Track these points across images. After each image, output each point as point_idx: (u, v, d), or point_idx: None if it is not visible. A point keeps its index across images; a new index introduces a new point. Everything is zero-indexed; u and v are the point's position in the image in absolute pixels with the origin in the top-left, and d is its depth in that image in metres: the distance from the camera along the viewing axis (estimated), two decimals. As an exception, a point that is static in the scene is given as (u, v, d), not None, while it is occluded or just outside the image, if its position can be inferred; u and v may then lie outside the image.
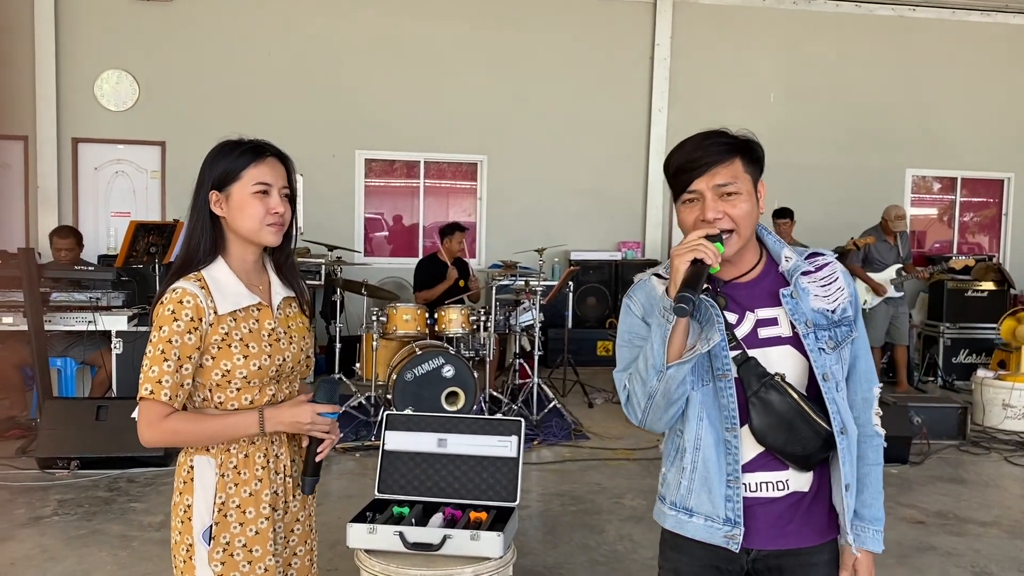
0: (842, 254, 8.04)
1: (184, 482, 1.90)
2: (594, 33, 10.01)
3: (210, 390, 1.89)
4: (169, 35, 9.28)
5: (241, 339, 1.89)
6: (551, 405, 6.64)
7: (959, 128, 10.62)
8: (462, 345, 6.59)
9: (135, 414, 1.85)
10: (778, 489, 1.79)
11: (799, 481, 1.80)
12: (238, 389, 1.90)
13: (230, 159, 1.92)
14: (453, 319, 6.49)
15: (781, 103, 10.37)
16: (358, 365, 6.89)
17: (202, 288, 1.86)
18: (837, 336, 1.80)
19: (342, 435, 5.98)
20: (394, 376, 6.06)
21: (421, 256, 8.94)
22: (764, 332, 1.79)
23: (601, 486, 5.22)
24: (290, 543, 2.04)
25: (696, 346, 1.72)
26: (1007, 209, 10.89)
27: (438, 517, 3.13)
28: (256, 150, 1.94)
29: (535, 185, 9.93)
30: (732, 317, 1.79)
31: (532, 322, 6.77)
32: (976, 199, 11.04)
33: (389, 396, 6.05)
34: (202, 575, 1.87)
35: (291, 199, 1.97)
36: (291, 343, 2.00)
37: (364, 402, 6.46)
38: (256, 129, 8.27)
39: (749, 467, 1.78)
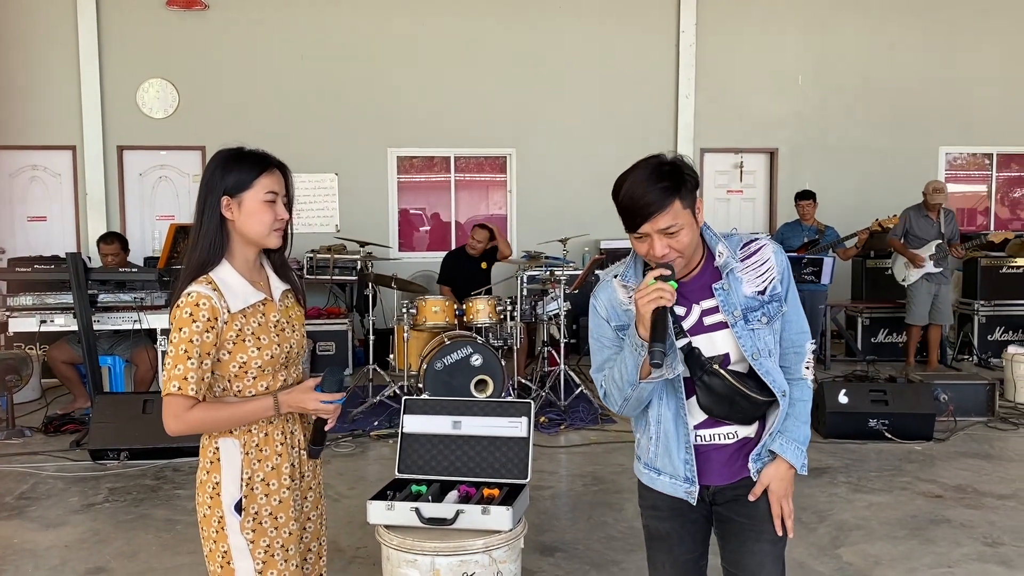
0: (872, 233, 8.07)
1: (211, 462, 2.11)
2: (618, 23, 10.09)
3: (229, 381, 2.09)
4: (206, 43, 9.62)
5: (253, 333, 2.09)
6: (578, 391, 6.80)
7: (993, 104, 10.48)
8: (490, 334, 6.77)
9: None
10: (728, 438, 2.11)
11: (746, 430, 2.12)
12: (254, 378, 2.10)
13: (243, 167, 2.09)
14: (481, 309, 6.69)
15: (809, 85, 10.35)
16: (391, 356, 7.13)
17: (214, 290, 2.04)
18: (770, 312, 2.06)
19: (375, 423, 6.25)
20: (425, 366, 6.28)
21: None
22: (708, 320, 2.05)
23: (624, 467, 5.37)
24: (304, 508, 2.26)
25: (664, 372, 1.96)
26: (1045, 183, 10.74)
27: (453, 494, 3.32)
28: (265, 160, 2.13)
29: (564, 176, 10.06)
30: (681, 310, 2.05)
31: (558, 311, 6.93)
32: (1014, 173, 10.89)
33: (421, 385, 6.27)
34: (235, 543, 2.09)
35: (289, 206, 2.17)
36: (294, 332, 2.21)
37: (398, 391, 6.68)
38: (291, 131, 8.60)
39: (702, 426, 2.10)
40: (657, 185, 1.91)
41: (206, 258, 2.08)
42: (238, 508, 2.09)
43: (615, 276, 2.11)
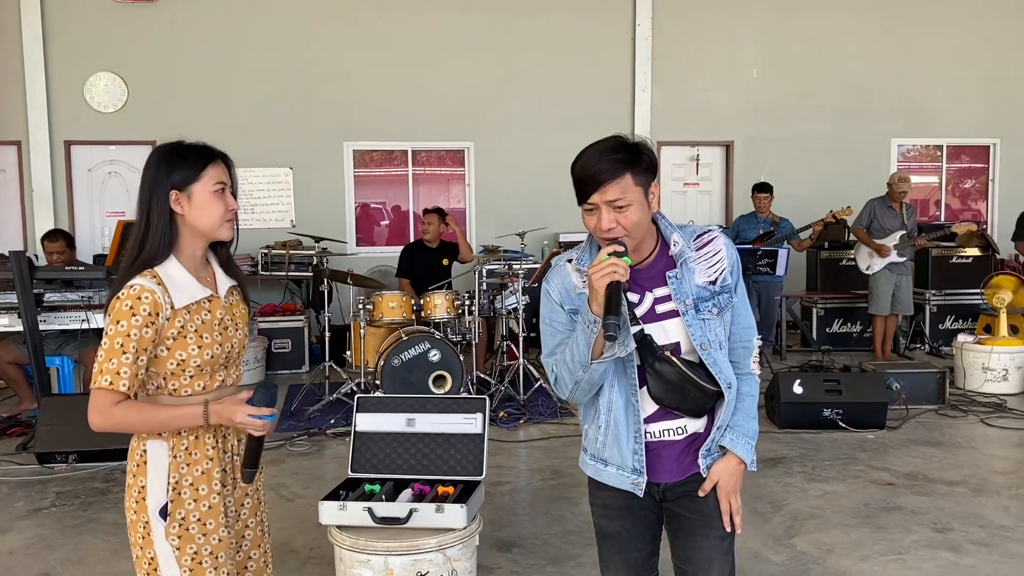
0: (826, 225, 8.18)
1: (137, 465, 2.06)
2: (575, 15, 10.08)
3: (164, 378, 2.03)
4: (155, 35, 9.41)
5: (196, 330, 2.04)
6: (537, 384, 6.79)
7: (944, 96, 10.67)
8: (448, 329, 6.73)
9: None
10: (678, 434, 2.10)
11: (695, 424, 2.10)
12: (191, 377, 2.05)
13: (188, 160, 2.05)
14: (438, 304, 6.64)
15: (764, 78, 10.44)
16: (348, 353, 7.05)
17: (158, 284, 1.99)
18: (720, 303, 2.06)
19: (332, 421, 6.16)
20: (382, 362, 6.21)
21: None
22: (661, 308, 2.05)
23: (582, 461, 5.37)
24: (241, 516, 2.21)
25: (615, 349, 1.97)
26: (993, 175, 10.95)
27: (407, 493, 3.29)
28: (209, 152, 2.10)
29: (523, 169, 10.03)
30: (634, 297, 2.05)
31: (516, 305, 6.91)
32: (964, 164, 11.10)
33: (378, 382, 6.21)
34: (160, 549, 2.03)
35: (234, 197, 2.14)
36: (237, 330, 2.16)
37: (355, 388, 6.61)
38: (244, 124, 8.44)
39: (652, 419, 2.08)
40: (611, 156, 1.92)
41: (155, 253, 2.03)
42: (163, 513, 2.04)
43: (569, 261, 2.11)
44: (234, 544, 2.17)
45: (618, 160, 1.92)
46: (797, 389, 6.02)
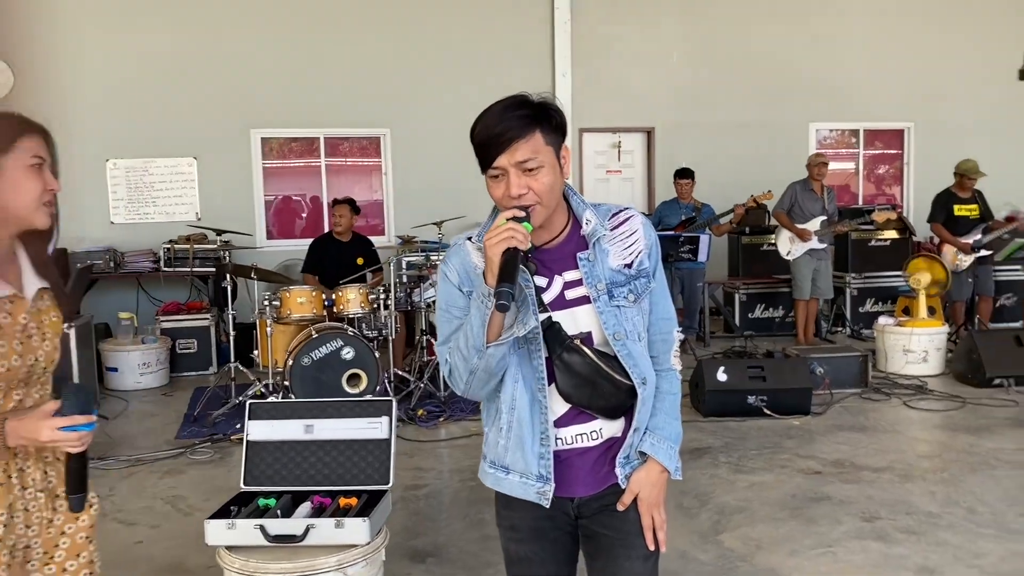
0: (748, 210, 8.13)
1: None
2: (492, -1, 9.82)
3: None
4: (44, 18, 8.79)
5: None
6: (457, 380, 6.52)
7: (860, 80, 10.74)
8: (363, 325, 6.41)
9: None
10: (592, 439, 1.85)
11: (611, 428, 1.86)
12: None
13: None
14: (351, 299, 6.31)
15: (684, 63, 10.34)
16: (256, 352, 6.66)
17: None
18: (637, 288, 1.83)
19: (237, 426, 5.78)
20: (291, 362, 5.86)
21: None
22: (571, 293, 1.82)
23: (503, 459, 5.13)
24: (55, 558, 1.85)
25: (513, 328, 1.74)
26: (908, 158, 11.10)
27: (305, 507, 3.00)
28: (25, 121, 1.76)
29: (441, 156, 9.66)
30: (542, 281, 1.82)
31: (435, 297, 6.61)
32: (879, 151, 11.23)
33: (287, 383, 5.85)
34: None
35: (55, 177, 1.80)
36: (44, 340, 1.80)
37: (264, 390, 6.24)
38: (142, 112, 7.84)
39: (562, 422, 1.84)
40: (516, 113, 1.72)
41: None
42: None
43: (468, 239, 1.86)
44: None
45: (525, 117, 1.71)
46: (721, 376, 5.90)
